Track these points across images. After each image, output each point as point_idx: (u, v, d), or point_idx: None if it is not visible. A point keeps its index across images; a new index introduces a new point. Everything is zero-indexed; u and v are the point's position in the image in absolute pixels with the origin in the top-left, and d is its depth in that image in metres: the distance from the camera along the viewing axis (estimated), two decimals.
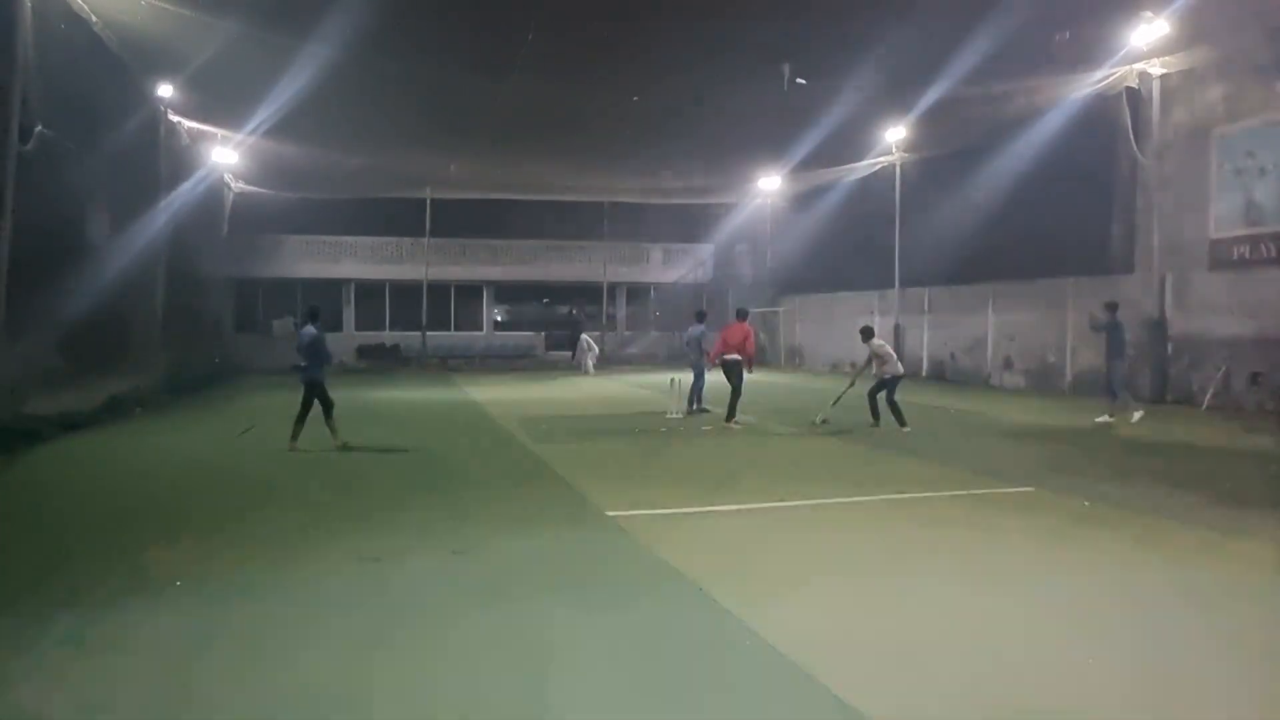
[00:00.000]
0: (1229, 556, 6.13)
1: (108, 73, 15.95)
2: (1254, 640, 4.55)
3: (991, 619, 4.87)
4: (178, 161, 20.59)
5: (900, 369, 13.34)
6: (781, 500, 8.05)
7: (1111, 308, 13.90)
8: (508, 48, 15.82)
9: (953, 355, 23.05)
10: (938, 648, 4.43)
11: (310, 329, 11.34)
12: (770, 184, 30.04)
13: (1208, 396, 15.76)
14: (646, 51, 16.29)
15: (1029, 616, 4.92)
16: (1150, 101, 17.36)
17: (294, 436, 11.12)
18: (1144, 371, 17.01)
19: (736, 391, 13.72)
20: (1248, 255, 15.62)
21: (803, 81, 17.05)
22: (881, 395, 13.05)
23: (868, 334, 13.60)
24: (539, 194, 30.84)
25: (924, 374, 23.53)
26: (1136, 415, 13.57)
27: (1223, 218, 16.13)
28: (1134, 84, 17.45)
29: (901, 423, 12.74)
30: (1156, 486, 8.59)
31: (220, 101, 19.30)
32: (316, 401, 11.23)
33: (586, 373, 27.08)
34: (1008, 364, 21.15)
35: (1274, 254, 15.16)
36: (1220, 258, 16.12)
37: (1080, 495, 8.07)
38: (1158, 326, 16.93)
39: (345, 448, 11.09)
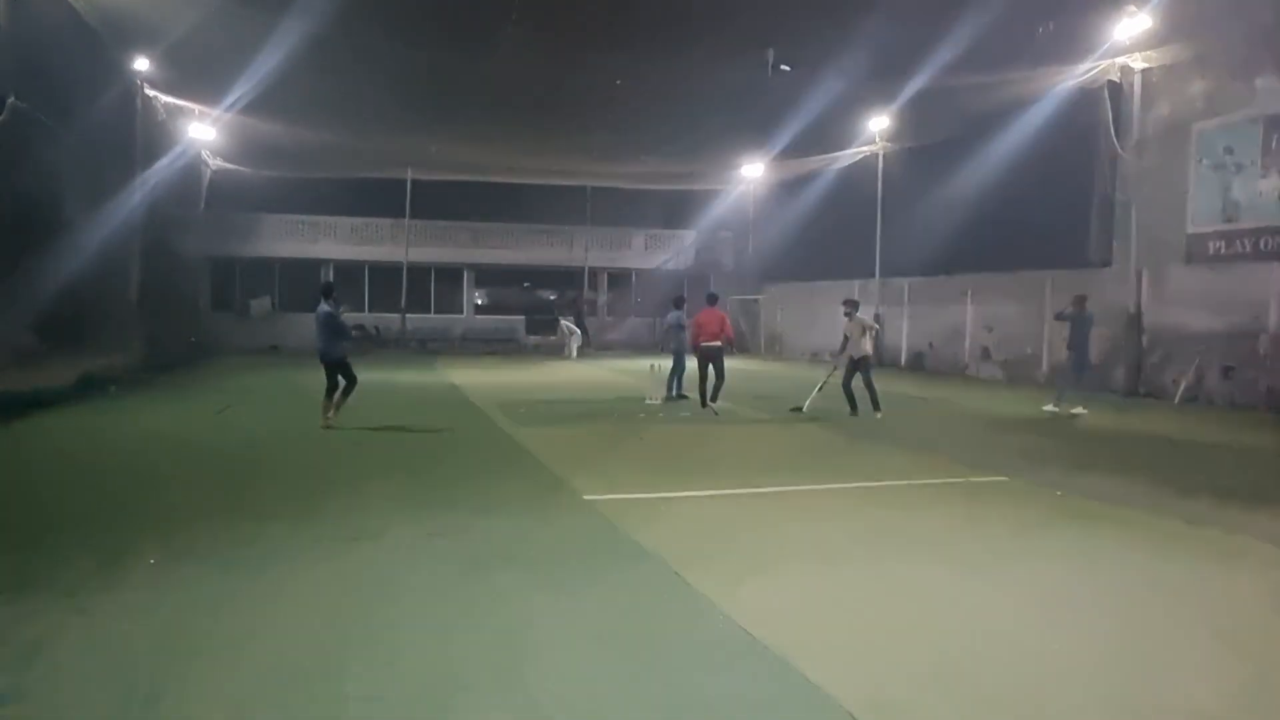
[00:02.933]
0: (1195, 545, 6.22)
1: (83, 45, 15.69)
2: (1217, 626, 4.62)
3: (963, 605, 4.92)
4: (154, 137, 20.31)
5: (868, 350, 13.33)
6: (757, 486, 8.09)
7: (1079, 300, 14.02)
8: (491, 28, 15.70)
9: (931, 345, 23.20)
10: (909, 633, 4.48)
11: (324, 307, 11.37)
12: (753, 171, 30.04)
13: (1180, 390, 15.95)
14: (631, 35, 16.19)
15: (1000, 603, 4.98)
16: (1131, 96, 17.46)
17: (334, 411, 11.22)
18: (1118, 365, 17.20)
19: (720, 376, 13.80)
20: (1223, 250, 15.79)
21: (787, 68, 17.03)
22: (856, 379, 13.08)
23: (855, 306, 13.47)
24: (521, 177, 30.65)
25: (903, 364, 23.69)
26: (1054, 407, 13.58)
27: (1200, 213, 16.28)
28: (1115, 78, 17.53)
29: (876, 406, 12.84)
30: (1125, 477, 8.69)
31: (198, 76, 19.02)
32: (341, 377, 11.30)
33: (568, 357, 27.05)
34: (985, 355, 21.31)
35: (1249, 250, 15.34)
36: (1196, 252, 16.29)
37: (1052, 485, 8.16)
38: (1133, 320, 17.10)
39: (328, 427, 11.07)
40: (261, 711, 3.56)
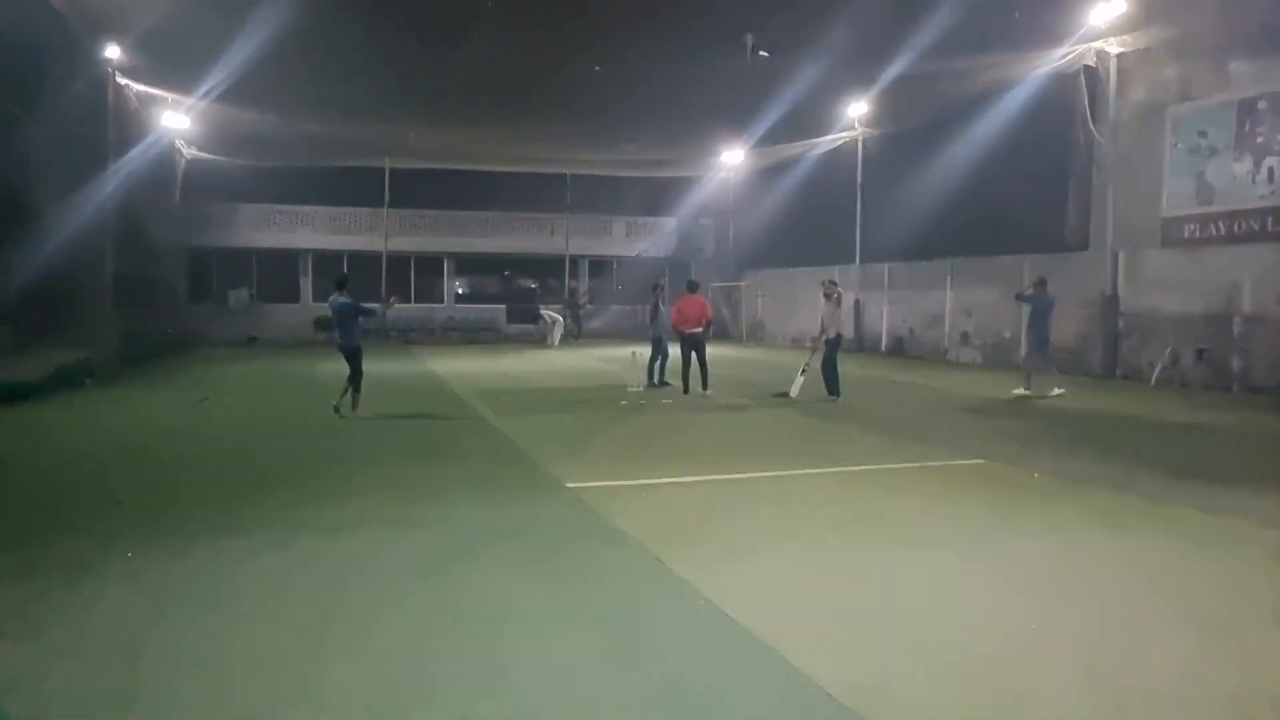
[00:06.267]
0: (1168, 525, 6.31)
1: (52, 33, 15.42)
2: (1192, 604, 4.70)
3: (942, 587, 4.97)
4: (127, 126, 20.00)
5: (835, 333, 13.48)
6: (739, 472, 8.13)
7: (1040, 283, 14.20)
8: (468, 13, 15.57)
9: (911, 330, 23.32)
10: (889, 616, 4.52)
11: (342, 298, 11.51)
12: (733, 158, 30.01)
13: (1156, 372, 16.13)
14: (608, 20, 16.10)
15: (979, 584, 5.03)
16: (1107, 80, 17.56)
17: (349, 402, 11.42)
18: (1095, 347, 17.39)
19: (703, 362, 13.93)
20: (1198, 234, 15.95)
21: (766, 54, 17.00)
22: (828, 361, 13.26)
23: (834, 287, 13.59)
24: (501, 165, 30.47)
25: (883, 349, 23.82)
26: (1024, 390, 13.84)
27: (1175, 197, 16.42)
28: (1092, 63, 17.63)
29: (835, 390, 13.03)
30: (1102, 459, 8.79)
31: (171, 64, 18.72)
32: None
33: (551, 346, 27.01)
34: (964, 339, 21.46)
35: (1223, 233, 15.50)
36: (1171, 236, 16.44)
37: (1029, 467, 8.25)
38: (1110, 303, 17.27)
39: (337, 412, 11.26)
40: (243, 701, 3.55)
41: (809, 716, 3.47)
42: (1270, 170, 14.84)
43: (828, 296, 13.42)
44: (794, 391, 13.43)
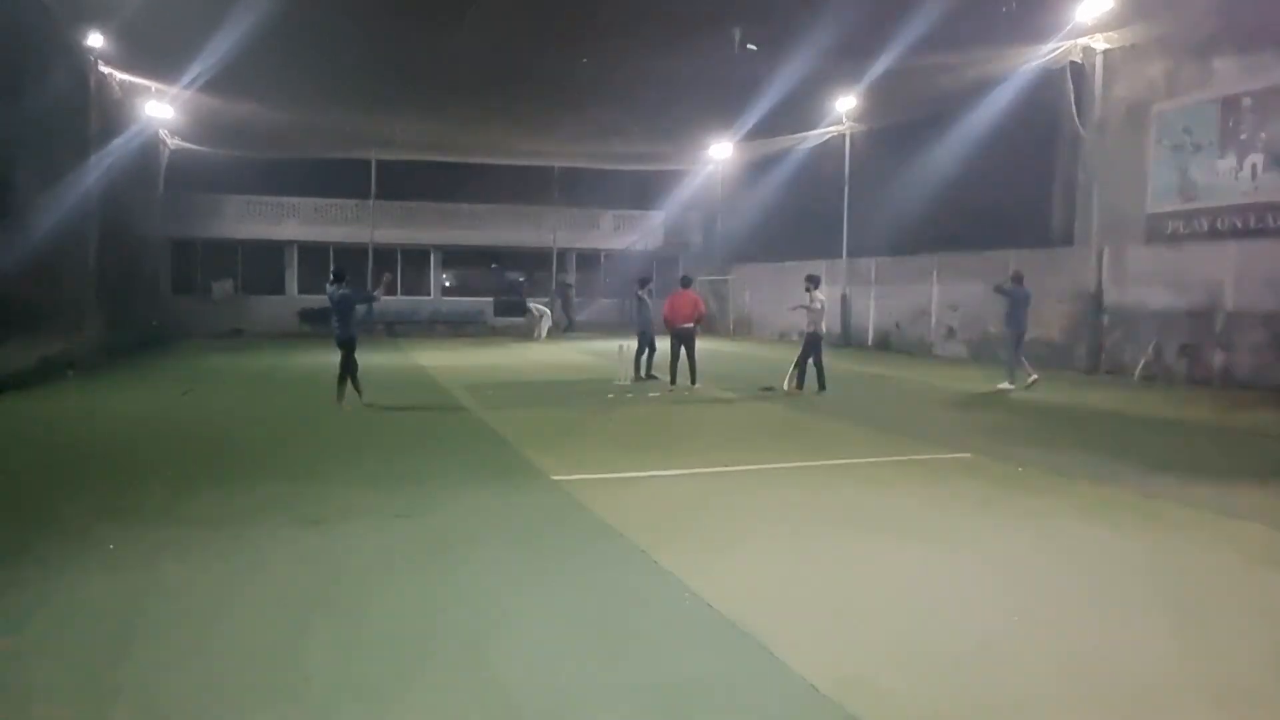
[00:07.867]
0: (1151, 519, 6.35)
1: (32, 20, 15.22)
2: (1172, 596, 4.73)
3: (927, 581, 4.99)
4: (109, 116, 19.79)
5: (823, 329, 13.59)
6: (725, 465, 8.14)
7: (1017, 278, 14.30)
8: (456, 3, 15.49)
9: (897, 325, 23.39)
10: (875, 609, 4.54)
11: (341, 289, 11.61)
12: (721, 152, 30.01)
13: (1139, 367, 16.24)
14: (596, 11, 16.05)
15: (963, 577, 5.06)
16: (1093, 77, 17.63)
17: (340, 397, 11.58)
18: (1080, 343, 17.50)
19: (692, 357, 14.00)
20: (1181, 230, 16.06)
21: (753, 48, 16.99)
22: (811, 358, 13.34)
23: (815, 282, 13.71)
24: (488, 157, 30.36)
25: (870, 343, 23.89)
26: (1008, 384, 13.94)
27: (1159, 193, 16.53)
28: (1078, 59, 17.70)
29: (822, 385, 13.12)
30: (1085, 453, 8.86)
31: (155, 53, 18.52)
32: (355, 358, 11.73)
33: (538, 339, 26.98)
34: (950, 334, 21.54)
35: (1206, 229, 15.62)
36: (1155, 232, 16.55)
37: (1014, 461, 8.29)
38: (1094, 299, 17.36)
39: (368, 406, 11.48)
40: (226, 690, 3.53)
41: (794, 709, 3.47)
42: (1253, 167, 14.95)
43: (809, 294, 13.56)
44: (786, 385, 13.51)
